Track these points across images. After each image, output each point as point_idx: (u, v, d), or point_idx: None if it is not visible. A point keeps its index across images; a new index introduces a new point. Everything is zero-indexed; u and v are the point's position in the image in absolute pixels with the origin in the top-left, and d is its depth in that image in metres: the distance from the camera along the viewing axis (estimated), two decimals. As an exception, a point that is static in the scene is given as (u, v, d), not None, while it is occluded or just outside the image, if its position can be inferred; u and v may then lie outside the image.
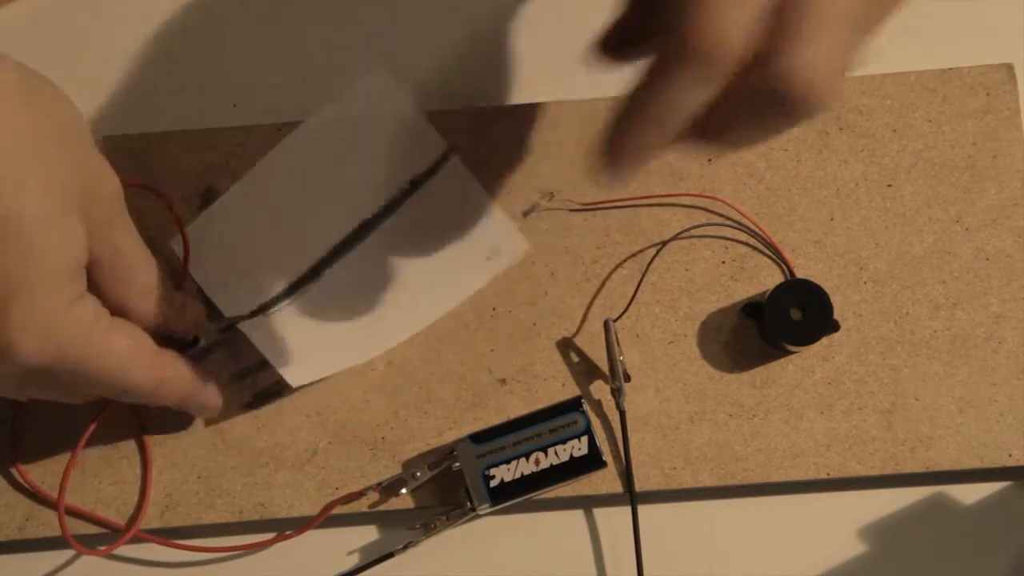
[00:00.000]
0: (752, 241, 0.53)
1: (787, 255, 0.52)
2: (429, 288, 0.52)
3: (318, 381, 0.51)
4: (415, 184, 0.53)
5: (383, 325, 0.52)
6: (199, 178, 0.53)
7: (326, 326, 0.52)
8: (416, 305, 0.52)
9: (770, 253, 0.52)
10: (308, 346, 0.51)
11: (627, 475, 0.51)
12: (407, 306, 0.52)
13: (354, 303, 0.52)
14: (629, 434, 0.51)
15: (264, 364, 0.50)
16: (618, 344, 0.51)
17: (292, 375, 0.49)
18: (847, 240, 0.53)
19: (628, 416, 0.51)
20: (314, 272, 0.52)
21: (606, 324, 0.51)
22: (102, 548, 0.50)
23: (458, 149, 0.53)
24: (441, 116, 0.53)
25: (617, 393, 0.51)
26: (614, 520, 0.52)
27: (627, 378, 0.51)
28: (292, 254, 0.52)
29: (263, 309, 0.52)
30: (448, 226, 0.53)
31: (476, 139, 0.53)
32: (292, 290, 0.52)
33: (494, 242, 0.52)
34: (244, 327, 0.50)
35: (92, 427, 0.50)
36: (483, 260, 0.52)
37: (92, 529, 0.51)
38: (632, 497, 0.50)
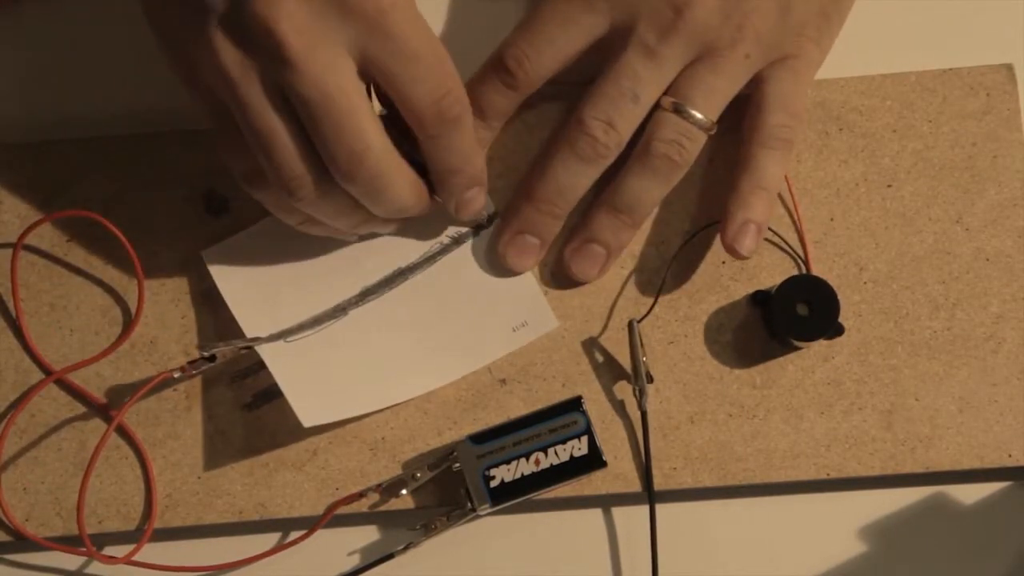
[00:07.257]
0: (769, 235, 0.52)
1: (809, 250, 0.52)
2: (451, 348, 0.52)
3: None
4: (457, 240, 0.52)
5: (399, 377, 0.51)
6: (199, 178, 0.53)
7: (343, 366, 0.51)
8: (435, 363, 0.51)
9: (788, 247, 0.52)
10: (323, 383, 0.50)
11: (647, 474, 0.50)
12: (426, 362, 0.51)
13: (375, 348, 0.51)
14: (627, 434, 0.51)
15: (264, 364, 0.50)
16: (641, 345, 0.51)
17: (304, 413, 0.49)
18: (847, 240, 0.53)
19: (627, 416, 0.51)
20: (340, 309, 0.52)
21: (630, 325, 0.51)
22: (120, 556, 0.50)
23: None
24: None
25: (640, 394, 0.50)
26: (615, 520, 0.52)
27: (650, 379, 0.51)
28: (322, 288, 0.52)
29: (284, 335, 0.51)
30: (482, 289, 0.52)
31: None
32: (316, 322, 0.52)
33: (524, 313, 0.52)
34: (262, 350, 0.50)
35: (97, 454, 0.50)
36: (509, 330, 0.52)
37: (94, 529, 0.51)
38: (651, 496, 0.50)
